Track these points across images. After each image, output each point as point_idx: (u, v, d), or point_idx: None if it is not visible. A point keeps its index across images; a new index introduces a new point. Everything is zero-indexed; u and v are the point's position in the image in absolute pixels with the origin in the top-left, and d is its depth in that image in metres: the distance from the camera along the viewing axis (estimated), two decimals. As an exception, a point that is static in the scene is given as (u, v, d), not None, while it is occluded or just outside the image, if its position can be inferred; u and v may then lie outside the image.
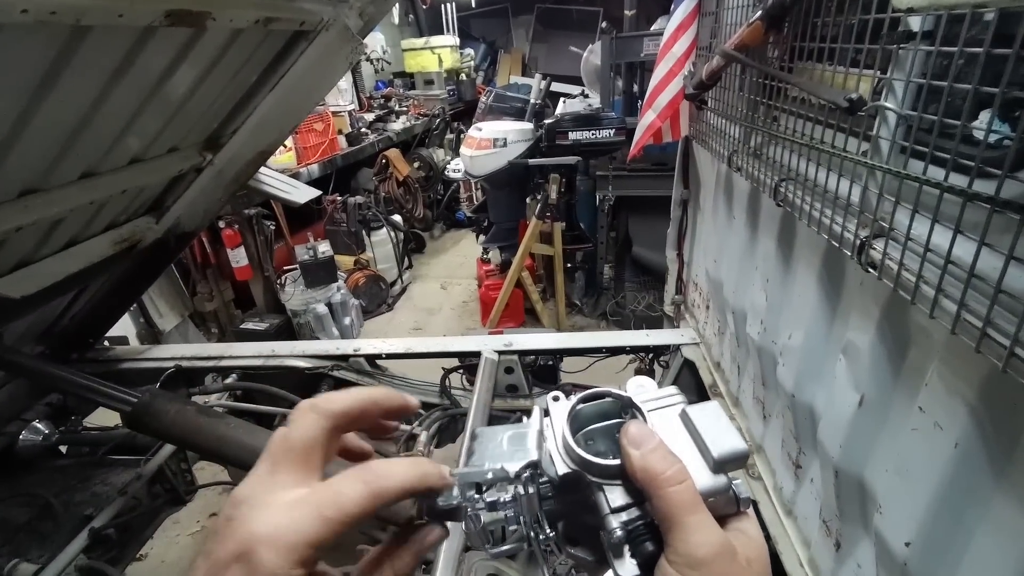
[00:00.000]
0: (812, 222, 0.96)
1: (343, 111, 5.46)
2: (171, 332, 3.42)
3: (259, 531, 0.34)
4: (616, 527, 0.38)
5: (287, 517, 0.35)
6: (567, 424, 0.42)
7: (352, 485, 0.36)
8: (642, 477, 0.37)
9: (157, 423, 1.41)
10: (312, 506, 0.35)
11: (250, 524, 0.35)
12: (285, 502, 0.35)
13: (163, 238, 1.81)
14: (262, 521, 0.35)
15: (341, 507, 0.35)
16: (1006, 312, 0.56)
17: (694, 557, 0.35)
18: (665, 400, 0.44)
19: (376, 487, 0.37)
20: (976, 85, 0.59)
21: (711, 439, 0.39)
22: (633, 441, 0.39)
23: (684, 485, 0.37)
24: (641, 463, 0.37)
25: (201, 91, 1.33)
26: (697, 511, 0.36)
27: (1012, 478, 0.63)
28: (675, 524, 0.36)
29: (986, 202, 0.57)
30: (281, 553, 0.33)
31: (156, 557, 2.61)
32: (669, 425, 0.42)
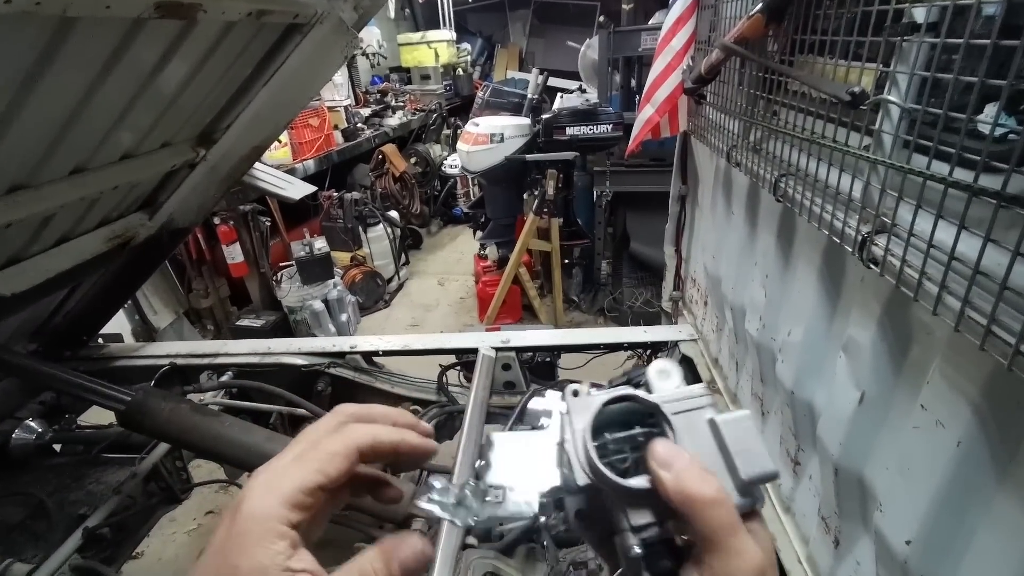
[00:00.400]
0: (812, 218, 0.95)
1: (339, 106, 5.42)
2: (166, 329, 3.40)
3: (252, 484, 0.38)
4: (634, 544, 0.36)
5: (276, 471, 0.38)
6: (590, 437, 0.39)
7: (332, 438, 0.41)
8: (678, 500, 0.35)
9: (151, 422, 1.39)
10: (300, 460, 0.39)
11: (247, 484, 0.38)
12: (277, 466, 0.39)
13: (157, 234, 1.79)
14: (256, 480, 0.38)
15: (327, 455, 0.39)
16: (1012, 309, 0.55)
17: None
18: (692, 401, 0.41)
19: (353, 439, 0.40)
20: (982, 78, 0.58)
21: (742, 458, 0.37)
22: (663, 462, 0.36)
23: (725, 507, 0.35)
24: (676, 486, 0.35)
25: (193, 85, 1.31)
26: (738, 532, 0.35)
27: (1016, 477, 0.62)
28: (716, 546, 0.35)
29: (992, 197, 0.56)
30: (268, 494, 0.36)
31: (152, 555, 2.59)
32: (695, 431, 0.39)
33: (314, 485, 0.38)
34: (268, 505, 0.36)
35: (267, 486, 0.37)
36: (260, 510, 0.36)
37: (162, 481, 1.73)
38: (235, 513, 0.36)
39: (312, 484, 0.37)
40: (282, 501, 0.36)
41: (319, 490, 0.38)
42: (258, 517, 0.36)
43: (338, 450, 0.40)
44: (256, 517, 0.36)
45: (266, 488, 0.37)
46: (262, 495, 0.37)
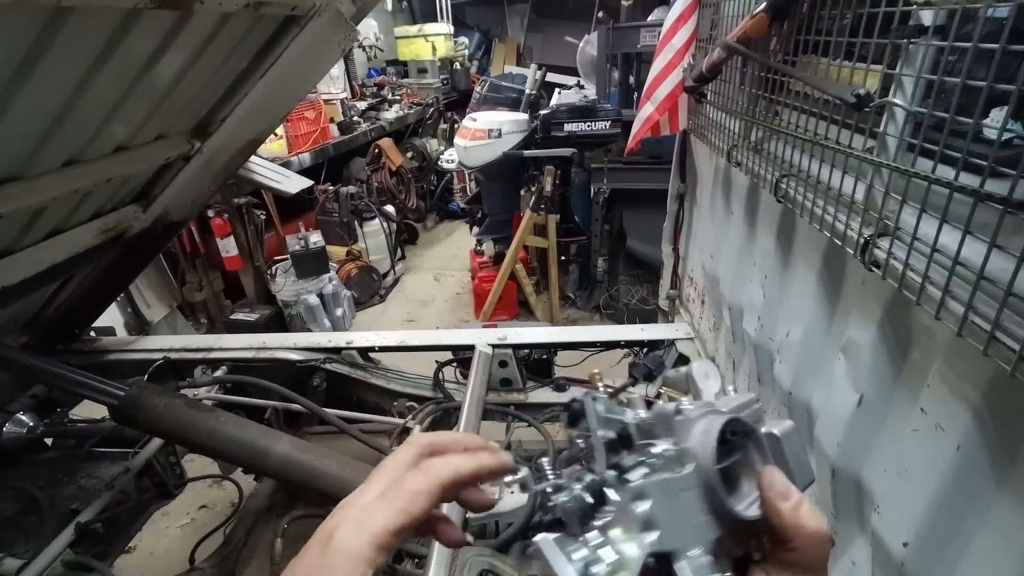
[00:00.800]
0: (814, 219, 0.95)
1: (335, 99, 5.37)
2: (159, 323, 3.37)
3: (342, 518, 0.39)
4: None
5: (365, 508, 0.40)
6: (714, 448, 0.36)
7: (416, 477, 0.41)
8: (792, 531, 0.36)
9: (145, 417, 1.38)
10: (386, 499, 0.40)
11: (335, 517, 0.40)
12: (364, 502, 0.41)
13: (150, 228, 1.77)
14: (344, 514, 0.40)
15: (412, 494, 0.40)
16: (1016, 316, 0.55)
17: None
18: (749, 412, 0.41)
19: (435, 476, 0.41)
20: (990, 82, 0.57)
21: (798, 472, 0.39)
22: (781, 494, 0.37)
23: (828, 545, 0.37)
24: (793, 520, 0.36)
25: (189, 77, 1.29)
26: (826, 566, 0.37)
27: (1015, 482, 0.62)
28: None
29: (999, 203, 0.56)
30: (359, 533, 0.38)
31: (145, 549, 2.58)
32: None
33: (400, 527, 0.39)
34: (359, 544, 0.38)
35: (358, 524, 0.39)
36: (352, 548, 0.37)
37: (155, 476, 1.72)
38: (327, 544, 0.38)
39: (398, 525, 0.39)
40: (371, 542, 0.38)
41: (403, 531, 0.39)
42: (349, 554, 0.37)
43: (422, 489, 0.41)
44: (347, 554, 0.37)
45: (357, 526, 0.38)
46: (354, 533, 0.38)
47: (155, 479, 1.73)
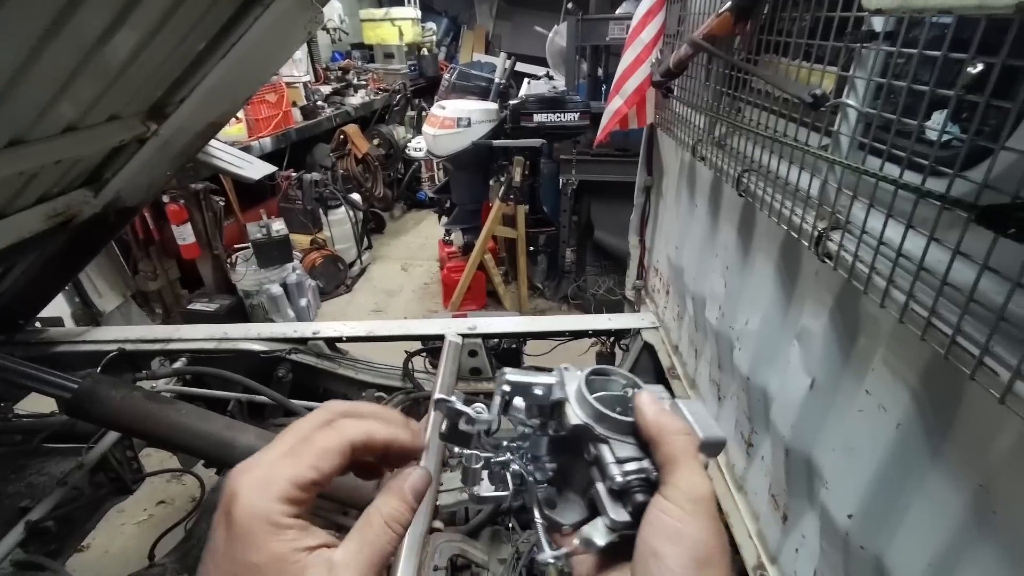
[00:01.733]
0: (772, 213, 0.99)
1: (297, 82, 5.20)
2: (112, 313, 3.21)
3: (239, 479, 0.37)
4: (617, 474, 0.42)
5: (267, 464, 0.38)
6: (584, 384, 0.47)
7: (326, 433, 0.40)
8: (655, 429, 0.43)
9: (100, 410, 1.33)
10: (293, 455, 0.38)
11: (235, 480, 0.37)
12: (268, 460, 0.38)
13: (102, 213, 1.69)
14: (245, 478, 0.37)
15: (321, 451, 0.39)
16: (949, 303, 0.60)
17: (693, 493, 0.40)
18: (659, 393, 0.49)
19: (346, 434, 0.40)
20: (932, 87, 0.62)
21: (700, 425, 0.46)
22: (646, 403, 0.45)
23: (689, 436, 0.43)
24: (655, 418, 0.43)
25: (144, 56, 1.24)
26: (696, 458, 0.42)
27: (947, 456, 0.68)
28: (679, 465, 0.41)
29: (937, 199, 0.60)
30: (261, 492, 0.36)
31: (99, 548, 2.49)
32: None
33: (308, 481, 0.37)
34: (265, 502, 0.36)
35: (260, 484, 0.37)
36: (259, 508, 0.36)
37: (111, 471, 1.66)
38: (229, 516, 0.36)
39: (306, 479, 0.37)
40: (278, 497, 0.36)
41: (313, 485, 0.38)
42: (258, 514, 0.35)
43: (331, 446, 0.39)
44: (256, 515, 0.35)
45: (259, 486, 0.36)
46: (257, 494, 0.36)
47: (111, 474, 1.67)
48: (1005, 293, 0.53)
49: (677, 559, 0.37)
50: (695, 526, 0.38)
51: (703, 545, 0.38)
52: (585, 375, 0.48)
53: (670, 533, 0.38)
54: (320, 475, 0.38)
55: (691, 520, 0.38)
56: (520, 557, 1.48)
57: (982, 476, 0.62)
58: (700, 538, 0.38)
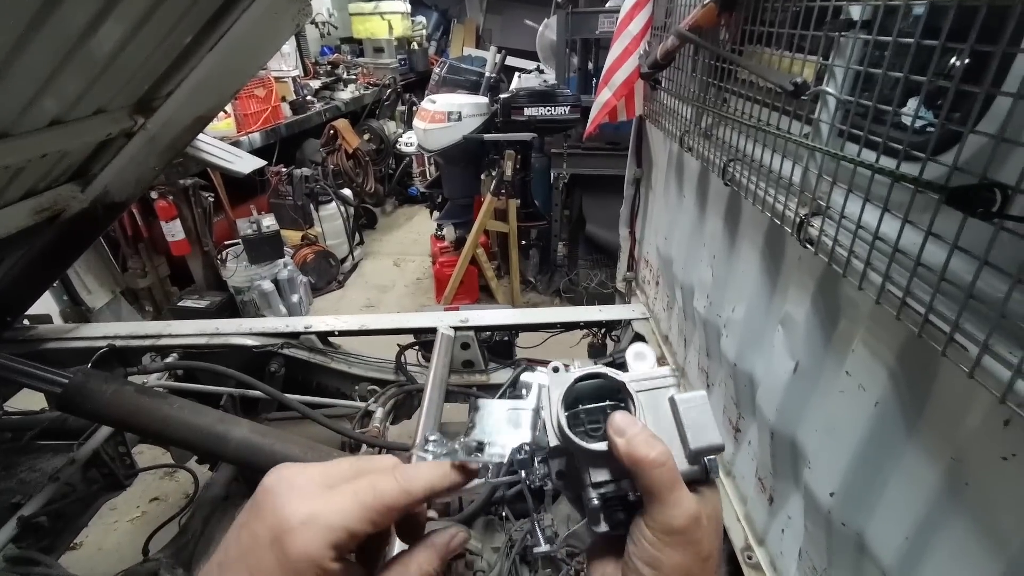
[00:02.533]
0: (757, 201, 1.01)
1: (286, 77, 5.17)
2: (102, 310, 3.19)
3: (297, 512, 0.36)
4: (594, 497, 0.43)
5: (325, 501, 0.37)
6: (561, 405, 0.45)
7: (387, 480, 0.40)
8: (628, 461, 0.41)
9: (92, 404, 1.33)
10: (350, 494, 0.38)
11: (289, 504, 0.37)
12: (325, 489, 0.38)
13: (90, 208, 1.68)
14: (301, 503, 0.37)
15: (378, 497, 0.38)
16: (923, 283, 0.62)
17: (670, 526, 0.40)
18: (658, 381, 0.47)
19: (407, 485, 0.40)
20: (906, 73, 0.63)
21: (692, 432, 0.43)
22: (618, 430, 0.42)
23: (666, 467, 0.41)
24: (627, 449, 0.41)
25: (130, 48, 1.23)
26: (675, 488, 0.41)
27: (921, 431, 0.70)
28: (656, 499, 0.41)
29: (910, 182, 0.62)
30: (317, 535, 0.36)
31: (92, 545, 2.48)
32: (658, 407, 0.45)
33: (364, 534, 0.38)
34: (319, 548, 0.36)
35: (319, 528, 0.36)
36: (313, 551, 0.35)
37: (104, 467, 1.66)
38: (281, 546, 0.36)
39: (362, 533, 0.37)
40: (332, 544, 0.36)
41: (364, 538, 0.38)
42: (313, 557, 0.35)
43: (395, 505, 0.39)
44: (311, 557, 0.35)
45: (318, 530, 0.36)
46: (313, 536, 0.36)
47: (103, 470, 1.67)
48: (974, 272, 0.55)
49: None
50: (672, 555, 0.40)
51: (679, 570, 0.40)
52: (567, 387, 0.45)
53: (648, 558, 0.41)
54: (375, 531, 0.38)
55: (667, 549, 0.40)
56: (513, 545, 1.50)
57: (955, 450, 0.65)
58: (675, 564, 0.40)
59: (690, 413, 0.44)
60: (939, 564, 0.67)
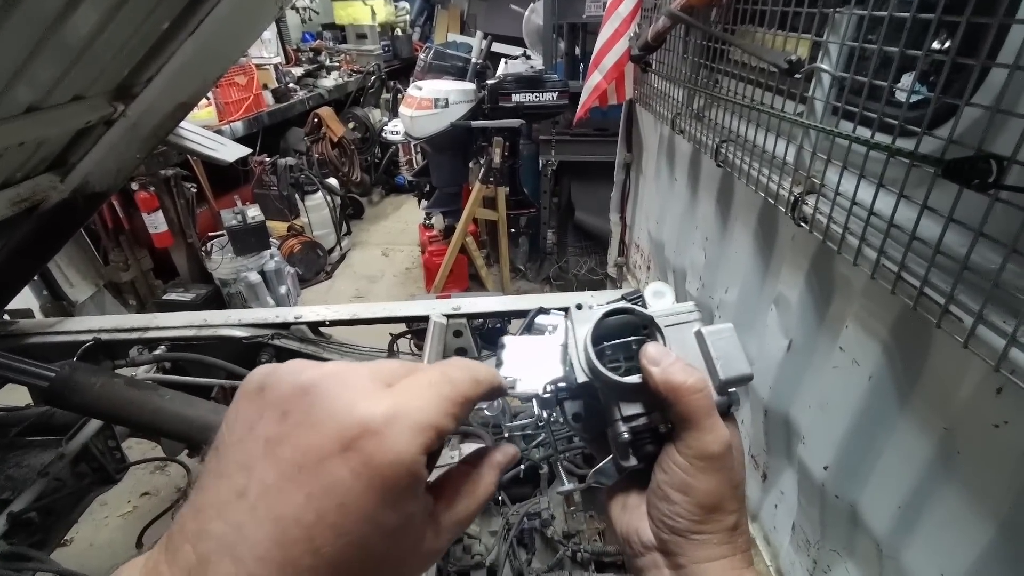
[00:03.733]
0: (750, 181, 1.02)
1: (268, 64, 5.05)
2: (85, 304, 3.12)
3: (375, 411, 0.29)
4: (624, 431, 0.43)
5: (407, 396, 0.31)
6: (590, 341, 0.44)
7: (456, 370, 0.35)
8: (664, 389, 0.41)
9: (80, 398, 1.30)
10: (427, 386, 0.32)
11: (360, 403, 0.29)
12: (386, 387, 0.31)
13: (70, 199, 1.63)
14: (374, 401, 0.30)
15: (456, 388, 0.33)
16: (918, 257, 0.63)
17: (707, 452, 0.40)
18: (683, 316, 0.46)
19: (474, 374, 0.36)
20: (902, 48, 0.64)
21: (721, 362, 0.44)
22: (652, 360, 0.42)
23: (703, 392, 0.41)
24: (663, 376, 0.41)
25: (108, 33, 1.19)
26: (712, 414, 0.41)
27: (914, 403, 0.72)
28: (692, 425, 0.41)
29: (906, 157, 0.62)
30: (407, 435, 0.29)
31: (83, 541, 2.45)
32: (684, 341, 0.45)
33: (449, 432, 0.32)
34: (413, 454, 0.29)
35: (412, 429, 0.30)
36: (407, 458, 0.29)
37: (94, 461, 1.63)
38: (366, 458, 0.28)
39: (448, 431, 0.32)
40: (425, 447, 0.30)
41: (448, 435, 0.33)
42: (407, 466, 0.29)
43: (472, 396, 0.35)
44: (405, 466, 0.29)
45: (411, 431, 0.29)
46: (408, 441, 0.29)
47: (93, 464, 1.64)
48: (968, 244, 0.56)
49: (685, 505, 0.41)
50: (704, 480, 0.40)
51: (711, 495, 0.40)
52: (595, 322, 0.45)
53: (680, 484, 0.41)
54: (456, 428, 0.33)
55: (700, 475, 0.40)
56: (511, 528, 1.52)
57: (947, 420, 0.66)
58: (708, 490, 0.40)
59: (719, 344, 0.44)
60: (931, 531, 0.69)
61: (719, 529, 0.41)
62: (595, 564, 1.46)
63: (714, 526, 0.41)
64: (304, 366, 0.32)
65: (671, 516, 0.41)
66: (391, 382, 0.32)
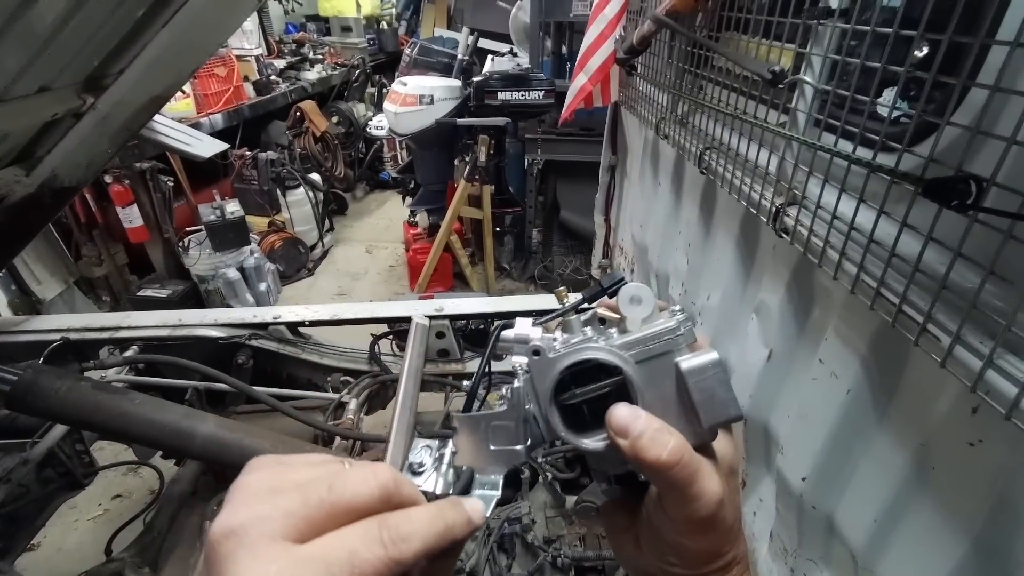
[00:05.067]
0: (733, 190, 1.01)
1: (249, 55, 4.95)
2: (54, 301, 3.02)
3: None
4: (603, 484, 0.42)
5: (314, 567, 0.28)
6: (552, 406, 0.40)
7: (370, 548, 0.29)
8: (636, 464, 0.37)
9: (44, 402, 1.25)
10: (321, 565, 0.28)
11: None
12: (288, 554, 0.28)
13: (36, 193, 1.57)
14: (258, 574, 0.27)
15: (397, 550, 0.29)
16: (897, 274, 0.63)
17: (694, 518, 0.37)
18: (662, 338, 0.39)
19: (396, 552, 0.30)
20: (883, 63, 0.63)
21: (704, 408, 0.38)
22: (620, 431, 0.37)
23: (680, 464, 0.36)
24: (633, 453, 0.37)
25: (76, 21, 1.14)
26: (695, 481, 0.36)
27: (892, 418, 0.72)
28: (674, 497, 0.37)
29: (887, 173, 0.62)
30: None
31: (51, 545, 2.38)
32: (662, 379, 0.39)
33: None
34: None
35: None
36: None
37: (60, 466, 1.58)
38: None
39: None
40: None
41: None
42: None
43: (415, 555, 0.30)
44: None
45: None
46: None
47: (60, 469, 1.59)
48: (947, 263, 0.55)
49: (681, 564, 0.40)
50: (695, 540, 0.39)
51: (703, 553, 0.40)
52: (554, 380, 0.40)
53: (670, 543, 0.40)
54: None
55: (692, 536, 0.39)
56: (491, 534, 1.51)
57: (923, 436, 0.66)
58: (699, 549, 0.40)
59: (702, 384, 0.38)
60: (906, 545, 0.70)
61: (718, 568, 0.40)
62: (575, 569, 1.46)
63: (711, 567, 0.40)
64: (235, 508, 0.29)
65: (667, 565, 0.41)
66: (312, 531, 0.29)
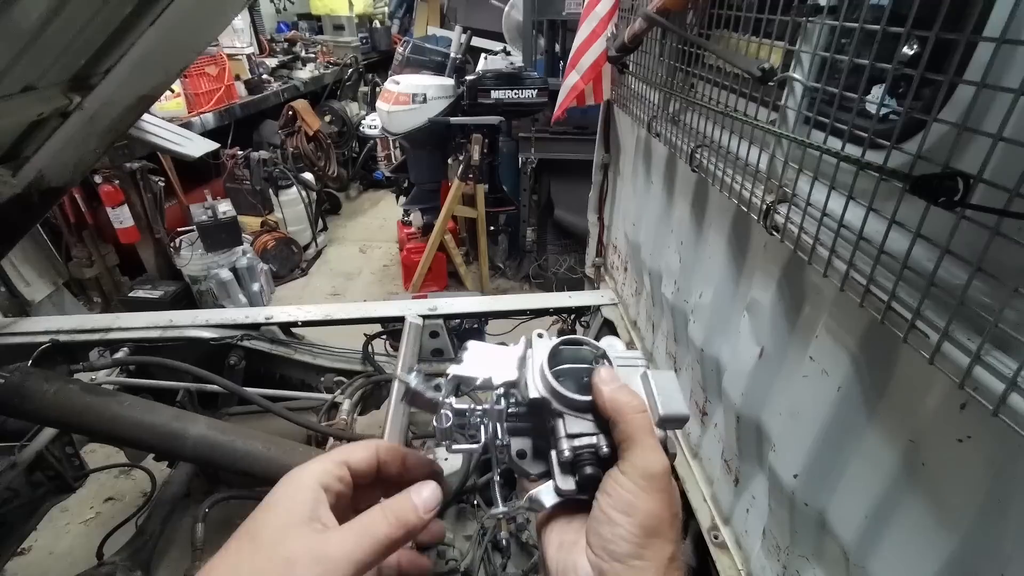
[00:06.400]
0: (724, 188, 1.01)
1: (240, 54, 4.91)
2: (43, 302, 2.99)
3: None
4: (566, 449, 0.45)
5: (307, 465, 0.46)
6: (547, 359, 0.49)
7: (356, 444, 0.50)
8: (610, 407, 0.45)
9: (32, 405, 1.24)
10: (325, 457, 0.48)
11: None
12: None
13: (23, 194, 1.56)
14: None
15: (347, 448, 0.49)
16: (886, 271, 0.63)
17: (648, 471, 0.43)
18: (631, 360, 0.52)
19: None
20: (872, 60, 0.63)
21: (662, 399, 0.48)
22: (603, 380, 0.47)
23: (644, 414, 0.45)
24: (610, 395, 0.46)
25: (61, 19, 1.13)
26: (653, 435, 0.45)
27: (881, 415, 0.72)
28: (635, 443, 0.44)
29: (875, 171, 0.62)
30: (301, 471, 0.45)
31: (42, 549, 2.36)
32: (630, 379, 0.50)
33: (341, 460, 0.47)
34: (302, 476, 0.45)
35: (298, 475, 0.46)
36: (297, 479, 0.45)
37: (50, 470, 1.56)
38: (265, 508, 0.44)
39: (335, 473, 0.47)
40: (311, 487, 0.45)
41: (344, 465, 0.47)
42: (299, 488, 0.45)
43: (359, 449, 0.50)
44: (299, 487, 0.45)
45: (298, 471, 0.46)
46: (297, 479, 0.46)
47: (49, 473, 1.57)
48: (935, 260, 0.56)
49: (628, 527, 0.41)
50: (647, 500, 0.42)
51: (653, 517, 0.42)
52: (552, 347, 0.50)
53: (623, 505, 0.42)
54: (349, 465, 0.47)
55: (643, 495, 0.42)
56: (485, 533, 1.51)
57: (912, 432, 0.67)
58: (650, 511, 0.42)
59: (661, 384, 0.49)
60: (896, 541, 0.70)
61: (658, 557, 0.41)
62: (570, 568, 1.46)
63: (653, 552, 0.41)
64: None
65: (613, 540, 0.41)
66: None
